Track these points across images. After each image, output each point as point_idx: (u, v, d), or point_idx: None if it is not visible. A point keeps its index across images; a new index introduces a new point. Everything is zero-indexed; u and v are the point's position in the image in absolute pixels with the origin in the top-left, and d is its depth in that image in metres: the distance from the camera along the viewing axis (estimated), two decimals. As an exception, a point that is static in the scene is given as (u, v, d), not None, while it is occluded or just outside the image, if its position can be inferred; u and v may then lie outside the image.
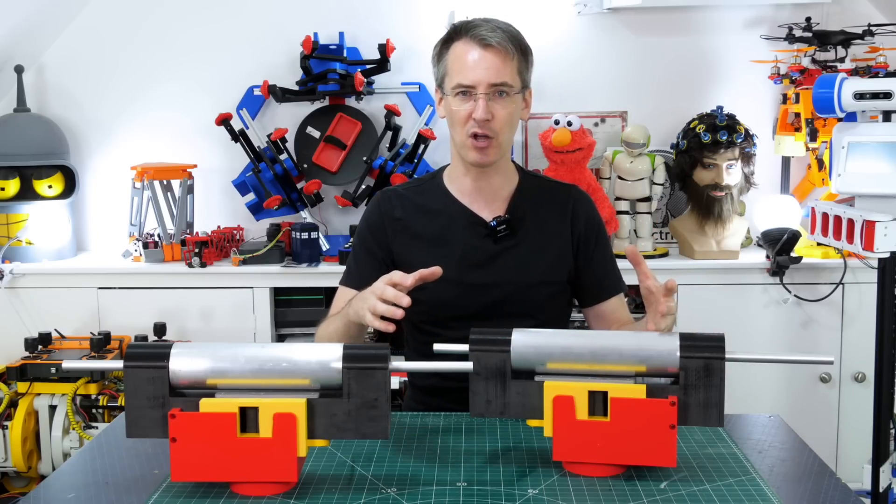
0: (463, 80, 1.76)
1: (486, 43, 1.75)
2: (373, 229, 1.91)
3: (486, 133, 1.77)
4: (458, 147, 1.84)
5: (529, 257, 1.85)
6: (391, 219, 1.89)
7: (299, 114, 3.27)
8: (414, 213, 1.89)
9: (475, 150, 1.79)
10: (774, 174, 3.26)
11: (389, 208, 1.91)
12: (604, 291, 1.91)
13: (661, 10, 3.24)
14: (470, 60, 1.76)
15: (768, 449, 1.53)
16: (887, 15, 3.16)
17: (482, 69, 1.75)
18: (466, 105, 1.77)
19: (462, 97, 1.77)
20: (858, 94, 2.38)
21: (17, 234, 3.12)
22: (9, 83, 3.24)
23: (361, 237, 1.93)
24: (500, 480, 1.38)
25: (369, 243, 1.90)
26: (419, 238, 1.87)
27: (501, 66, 1.75)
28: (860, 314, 2.93)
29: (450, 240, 1.86)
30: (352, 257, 1.94)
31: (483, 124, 1.76)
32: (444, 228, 1.87)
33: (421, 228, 1.88)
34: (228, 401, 1.32)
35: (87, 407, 2.86)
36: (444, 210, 1.89)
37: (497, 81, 1.75)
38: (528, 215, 1.87)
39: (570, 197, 1.92)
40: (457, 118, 1.79)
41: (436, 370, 1.54)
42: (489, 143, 1.78)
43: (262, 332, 3.01)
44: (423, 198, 1.91)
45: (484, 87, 1.75)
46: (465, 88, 1.76)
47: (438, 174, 1.96)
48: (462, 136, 1.79)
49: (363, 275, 1.86)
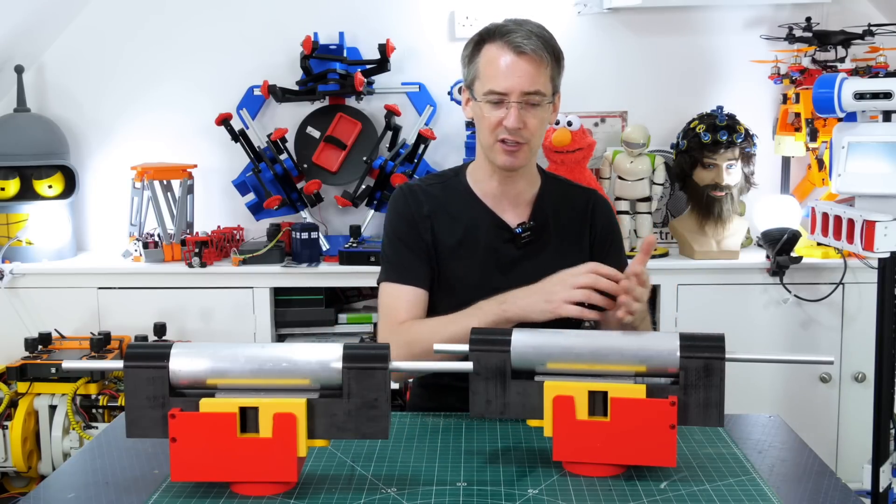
0: (495, 87, 1.72)
1: (521, 50, 1.71)
2: (408, 222, 1.84)
3: (517, 139, 1.74)
4: (485, 150, 1.80)
5: (551, 262, 1.82)
6: (420, 215, 1.84)
7: (299, 114, 3.27)
8: (439, 212, 1.85)
9: (505, 153, 1.75)
10: (774, 174, 3.26)
11: (417, 204, 1.85)
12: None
13: (661, 10, 3.24)
14: (503, 66, 1.72)
15: (768, 449, 1.53)
16: (887, 15, 3.16)
17: (516, 77, 1.71)
18: (498, 112, 1.73)
19: (493, 104, 1.73)
20: (858, 94, 2.38)
21: (17, 234, 3.12)
22: (9, 83, 3.24)
23: (398, 231, 1.85)
24: (500, 480, 1.38)
25: (409, 235, 1.83)
26: (444, 239, 1.84)
27: (535, 75, 1.72)
28: (860, 314, 2.93)
29: (473, 243, 1.83)
30: (392, 252, 1.85)
31: (514, 132, 1.72)
32: (467, 230, 1.84)
33: (445, 229, 1.84)
34: (228, 401, 1.32)
35: (87, 407, 2.86)
36: (467, 211, 1.85)
37: (530, 90, 1.71)
38: (550, 220, 1.86)
39: (589, 202, 1.91)
40: (486, 124, 1.75)
41: (436, 370, 1.54)
42: (519, 148, 1.75)
43: (262, 332, 3.01)
44: (447, 196, 1.87)
45: (517, 96, 1.71)
46: (497, 96, 1.72)
47: (461, 171, 1.91)
48: (490, 140, 1.76)
49: (413, 268, 1.81)
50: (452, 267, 1.83)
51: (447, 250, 1.83)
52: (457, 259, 1.83)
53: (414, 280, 1.81)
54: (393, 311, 1.81)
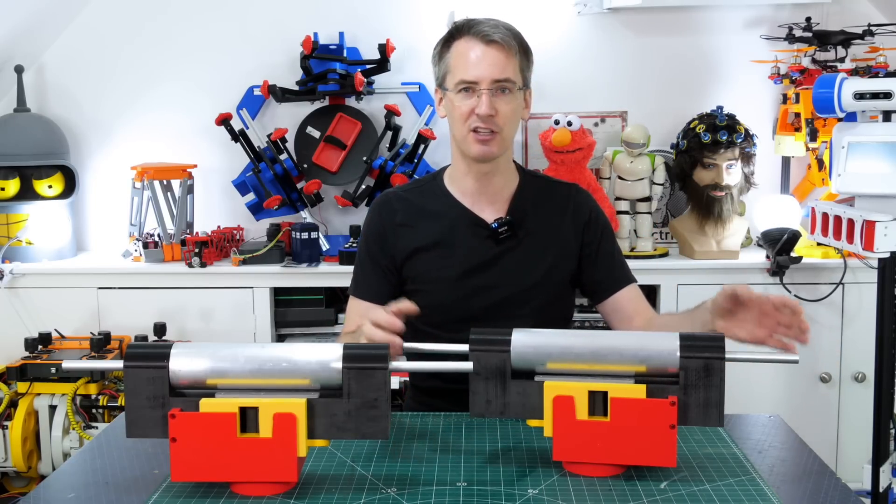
0: (466, 76, 1.76)
1: (490, 39, 1.75)
2: (375, 237, 1.90)
3: (490, 127, 1.76)
4: (459, 143, 1.83)
5: (531, 258, 1.85)
6: (392, 224, 1.88)
7: (299, 114, 3.27)
8: (415, 216, 1.88)
9: (478, 142, 1.78)
10: (774, 174, 3.26)
11: (390, 213, 1.89)
12: (616, 282, 1.90)
13: (661, 10, 3.24)
14: (473, 57, 1.76)
15: (768, 449, 1.53)
16: (887, 15, 3.16)
17: (486, 65, 1.75)
18: (469, 101, 1.76)
19: (465, 93, 1.77)
20: (858, 94, 2.38)
21: (17, 234, 3.12)
22: (9, 83, 3.24)
23: (365, 245, 1.92)
24: (500, 480, 1.38)
25: (373, 251, 1.89)
26: (421, 241, 1.86)
27: (504, 62, 1.76)
28: (860, 314, 2.93)
29: (451, 242, 1.85)
30: (358, 266, 1.93)
31: (486, 119, 1.75)
32: (445, 231, 1.86)
33: (422, 231, 1.87)
34: (228, 401, 1.32)
35: (87, 407, 2.86)
36: (445, 212, 1.88)
37: (500, 77, 1.75)
38: (529, 215, 1.87)
39: (570, 195, 1.92)
40: (458, 114, 1.78)
41: (436, 370, 1.54)
42: (493, 137, 1.77)
43: (262, 332, 3.01)
44: (424, 200, 1.90)
45: (487, 83, 1.75)
46: (468, 84, 1.76)
47: (439, 175, 1.95)
48: (463, 131, 1.79)
49: (370, 284, 1.88)
50: (432, 267, 1.84)
51: (425, 252, 1.85)
52: (437, 259, 1.84)
53: (370, 296, 1.87)
54: (347, 323, 1.91)
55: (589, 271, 1.90)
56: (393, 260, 1.88)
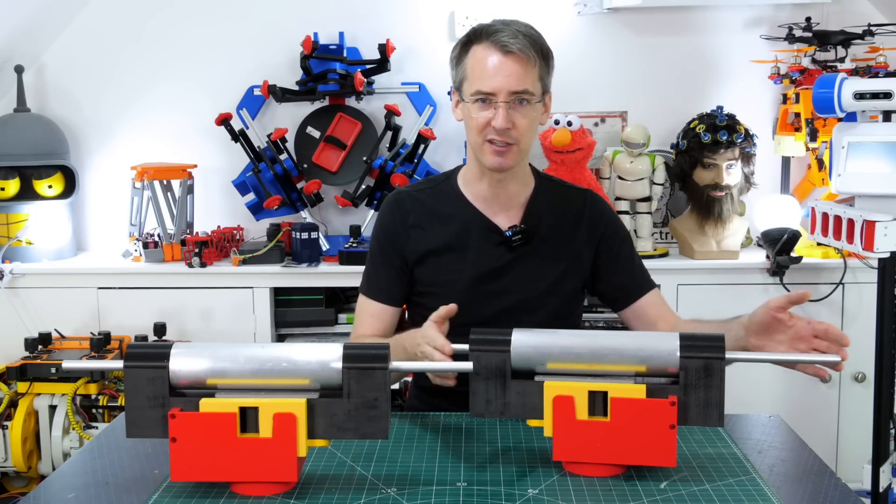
0: (482, 87, 1.71)
1: (508, 49, 1.70)
2: (387, 236, 1.87)
3: (506, 140, 1.73)
4: (475, 151, 1.79)
5: (544, 265, 1.83)
6: (405, 225, 1.86)
7: (299, 114, 3.27)
8: (427, 219, 1.86)
9: (494, 154, 1.74)
10: (774, 174, 3.26)
11: (403, 214, 1.87)
12: (638, 288, 1.88)
13: (661, 10, 3.24)
14: (490, 67, 1.70)
15: (768, 449, 1.53)
16: (887, 15, 3.16)
17: (503, 76, 1.70)
18: (486, 112, 1.72)
19: (481, 104, 1.72)
20: (858, 94, 2.38)
21: (17, 234, 3.12)
22: (9, 83, 3.24)
23: (377, 244, 1.89)
24: (500, 480, 1.38)
25: (385, 250, 1.87)
26: (433, 245, 1.84)
27: (523, 74, 1.70)
28: (860, 314, 2.93)
29: (464, 247, 1.83)
30: (370, 265, 1.91)
31: (503, 132, 1.71)
32: (458, 235, 1.83)
33: (434, 235, 1.84)
34: (228, 401, 1.32)
35: (87, 407, 2.86)
36: (458, 215, 1.85)
37: (518, 89, 1.70)
38: (543, 222, 1.84)
39: (585, 202, 1.89)
40: (474, 124, 1.74)
41: (436, 370, 1.54)
42: (508, 149, 1.74)
43: (262, 332, 3.01)
44: (437, 201, 1.87)
45: (504, 96, 1.70)
46: (485, 96, 1.71)
47: (452, 175, 1.91)
48: (479, 141, 1.75)
49: (382, 285, 1.86)
50: (443, 271, 1.83)
51: (437, 256, 1.84)
52: (447, 263, 1.82)
53: (381, 296, 1.86)
54: (358, 322, 1.90)
55: (609, 279, 1.87)
56: (405, 260, 1.85)
